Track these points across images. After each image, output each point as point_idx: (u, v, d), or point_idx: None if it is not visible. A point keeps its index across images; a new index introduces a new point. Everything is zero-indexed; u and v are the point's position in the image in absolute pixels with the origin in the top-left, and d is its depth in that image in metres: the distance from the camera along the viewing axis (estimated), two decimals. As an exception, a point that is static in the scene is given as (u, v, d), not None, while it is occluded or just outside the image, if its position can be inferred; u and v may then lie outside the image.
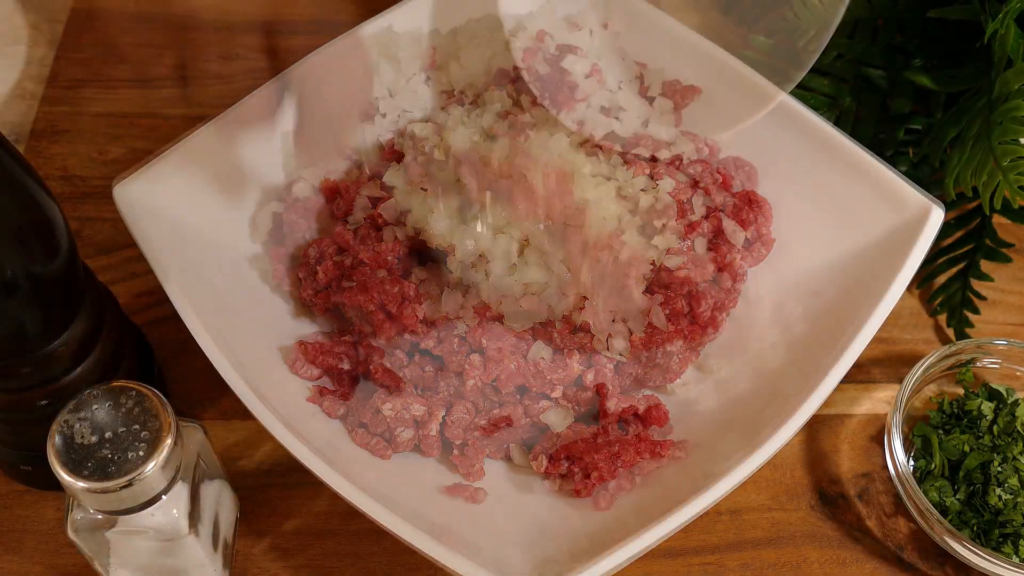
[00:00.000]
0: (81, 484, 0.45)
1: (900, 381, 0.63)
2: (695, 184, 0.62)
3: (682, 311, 0.59)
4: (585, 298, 0.58)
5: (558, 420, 0.57)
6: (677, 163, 0.63)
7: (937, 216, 0.57)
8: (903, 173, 0.61)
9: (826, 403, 0.54)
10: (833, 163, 0.61)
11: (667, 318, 0.58)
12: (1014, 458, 0.60)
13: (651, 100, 0.67)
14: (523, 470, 0.57)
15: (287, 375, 0.58)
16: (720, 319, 0.60)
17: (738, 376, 0.59)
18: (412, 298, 0.58)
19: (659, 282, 0.60)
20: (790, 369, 0.58)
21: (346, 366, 0.58)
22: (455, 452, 0.57)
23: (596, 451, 0.55)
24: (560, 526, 0.54)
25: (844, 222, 0.61)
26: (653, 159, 0.63)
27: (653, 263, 0.59)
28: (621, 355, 0.58)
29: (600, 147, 0.63)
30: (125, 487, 0.46)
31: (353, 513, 0.50)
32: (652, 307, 0.58)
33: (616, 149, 0.63)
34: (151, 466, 0.46)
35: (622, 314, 0.59)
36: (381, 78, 0.66)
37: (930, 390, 0.64)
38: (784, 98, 0.63)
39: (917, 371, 0.61)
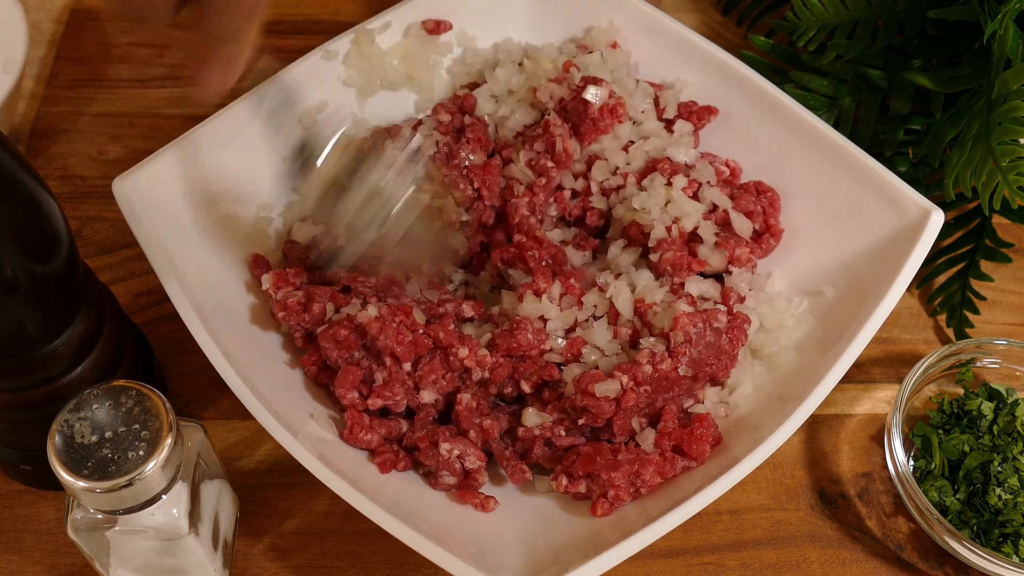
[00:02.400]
0: (81, 484, 0.45)
1: (900, 381, 0.63)
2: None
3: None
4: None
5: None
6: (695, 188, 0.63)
7: (937, 220, 0.57)
8: (903, 173, 0.61)
9: (826, 403, 0.54)
10: (834, 166, 0.61)
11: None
12: (1014, 458, 0.60)
13: (669, 123, 0.66)
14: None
15: (286, 375, 0.58)
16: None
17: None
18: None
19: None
20: (791, 369, 0.58)
21: (404, 427, 0.57)
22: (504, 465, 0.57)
23: (614, 468, 0.53)
24: (559, 524, 0.54)
25: (845, 224, 0.61)
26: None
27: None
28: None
29: None
30: (125, 487, 0.46)
31: (353, 513, 0.50)
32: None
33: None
34: (151, 466, 0.46)
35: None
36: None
37: (930, 390, 0.64)
38: (785, 101, 0.63)
39: (917, 371, 0.61)
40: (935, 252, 0.69)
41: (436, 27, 0.68)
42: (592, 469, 0.54)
